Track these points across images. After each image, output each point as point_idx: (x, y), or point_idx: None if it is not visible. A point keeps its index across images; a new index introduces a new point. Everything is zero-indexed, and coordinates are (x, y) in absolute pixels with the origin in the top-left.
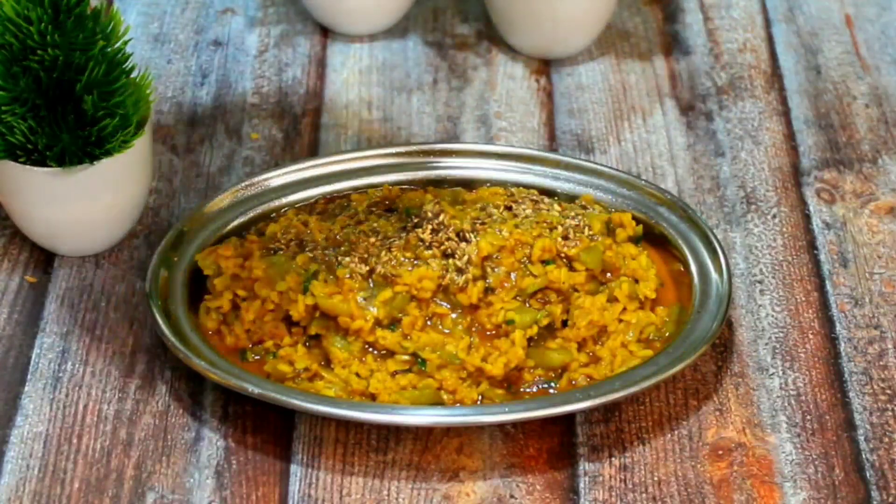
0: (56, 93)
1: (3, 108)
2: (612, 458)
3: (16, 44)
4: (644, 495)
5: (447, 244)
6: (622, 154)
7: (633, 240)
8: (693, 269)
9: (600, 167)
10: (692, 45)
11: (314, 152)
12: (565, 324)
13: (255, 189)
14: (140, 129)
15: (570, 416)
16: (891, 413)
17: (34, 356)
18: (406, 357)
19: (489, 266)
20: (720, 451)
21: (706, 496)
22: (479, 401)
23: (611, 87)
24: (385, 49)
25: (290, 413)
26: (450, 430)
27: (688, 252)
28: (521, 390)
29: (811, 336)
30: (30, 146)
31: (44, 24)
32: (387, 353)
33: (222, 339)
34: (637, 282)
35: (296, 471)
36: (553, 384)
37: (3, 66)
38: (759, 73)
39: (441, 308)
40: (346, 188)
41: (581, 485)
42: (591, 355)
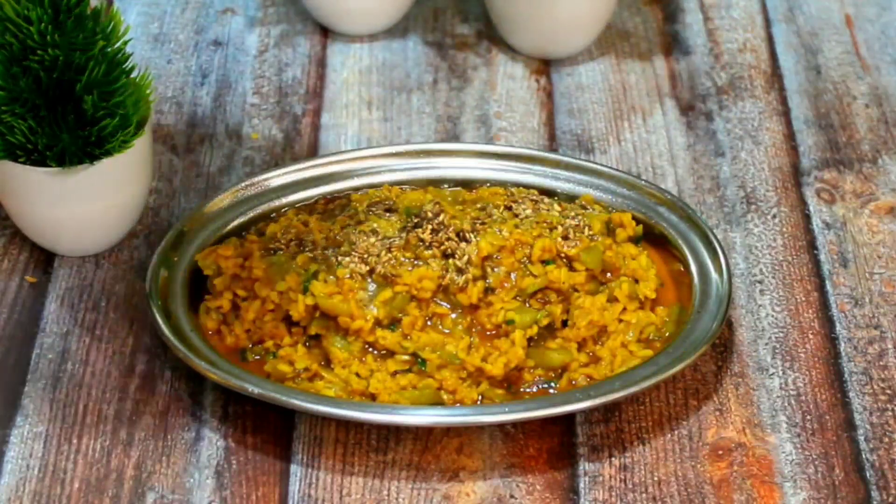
0: (56, 93)
1: (3, 108)
2: (612, 458)
3: (16, 44)
4: (644, 495)
5: (447, 244)
6: (622, 154)
7: (633, 240)
8: (693, 269)
9: (600, 167)
10: (692, 45)
11: (314, 152)
12: (565, 324)
13: (255, 189)
14: (140, 129)
15: (570, 416)
16: (891, 413)
17: (34, 356)
18: (406, 357)
19: (489, 266)
20: (720, 451)
21: (706, 496)
22: (479, 401)
23: (611, 87)
24: (385, 49)
25: (290, 413)
26: (450, 430)
27: (688, 252)
28: (521, 390)
29: (811, 336)
30: (30, 146)
31: (44, 24)
32: (387, 353)
33: (222, 339)
34: (637, 282)
35: (296, 471)
36: (553, 384)
37: (3, 66)
38: (759, 73)
39: (441, 308)
40: (346, 188)
41: (581, 485)
42: (591, 355)
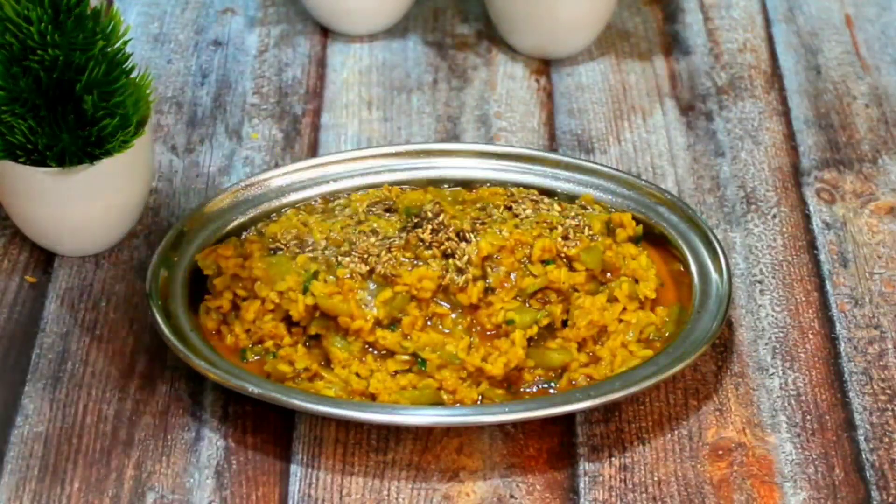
0: (56, 93)
1: (3, 108)
2: (612, 458)
3: (16, 44)
4: (644, 495)
5: (447, 244)
6: (622, 154)
7: (633, 240)
8: (693, 269)
9: (600, 167)
10: (692, 45)
11: (314, 152)
12: (565, 324)
13: (255, 189)
14: (140, 129)
15: (570, 416)
16: (891, 413)
17: (34, 356)
18: (406, 357)
19: (489, 266)
20: (720, 451)
21: (706, 496)
22: (479, 401)
23: (611, 87)
24: (385, 49)
25: (290, 413)
26: (450, 430)
27: (688, 252)
28: (521, 390)
29: (811, 336)
30: (30, 146)
31: (44, 24)
32: (387, 353)
33: (222, 339)
34: (637, 282)
35: (296, 471)
36: (553, 384)
37: (3, 66)
38: (759, 73)
39: (441, 308)
40: (346, 188)
41: (581, 485)
42: (591, 355)
